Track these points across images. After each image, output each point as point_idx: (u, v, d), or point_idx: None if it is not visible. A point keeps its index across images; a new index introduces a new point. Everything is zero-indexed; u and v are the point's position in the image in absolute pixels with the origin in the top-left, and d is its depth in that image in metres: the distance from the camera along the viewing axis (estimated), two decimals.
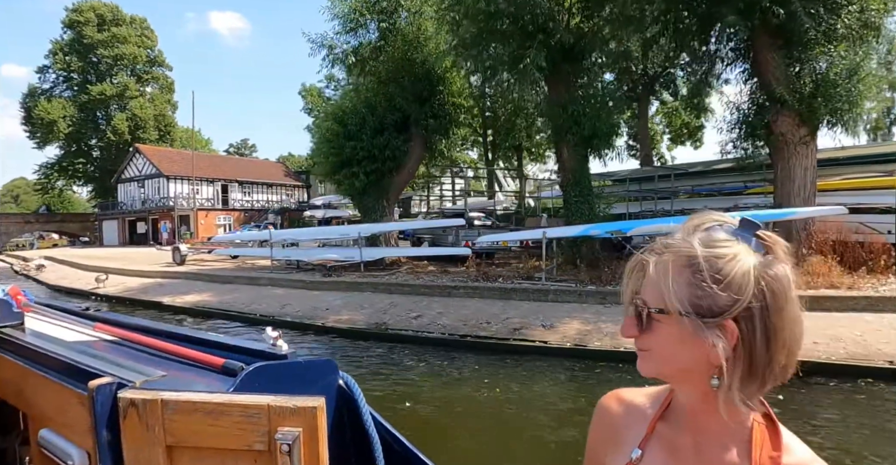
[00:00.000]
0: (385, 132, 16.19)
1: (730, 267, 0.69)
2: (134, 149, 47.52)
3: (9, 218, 53.11)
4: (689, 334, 0.71)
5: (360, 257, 14.80)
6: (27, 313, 1.53)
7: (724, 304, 0.69)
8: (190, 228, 43.75)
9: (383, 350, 9.43)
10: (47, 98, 50.68)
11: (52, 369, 1.12)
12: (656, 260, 0.74)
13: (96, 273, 22.42)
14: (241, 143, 76.56)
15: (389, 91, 16.42)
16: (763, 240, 0.72)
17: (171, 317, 13.26)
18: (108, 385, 0.91)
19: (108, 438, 0.91)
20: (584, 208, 14.39)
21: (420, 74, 16.43)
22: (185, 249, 20.73)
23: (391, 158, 16.22)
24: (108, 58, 50.58)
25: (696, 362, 0.72)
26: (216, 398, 0.85)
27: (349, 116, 16.12)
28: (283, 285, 14.93)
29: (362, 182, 16.11)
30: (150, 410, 0.86)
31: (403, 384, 7.62)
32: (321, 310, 11.88)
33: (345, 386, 1.04)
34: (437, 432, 6.13)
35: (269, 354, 1.03)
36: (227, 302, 13.54)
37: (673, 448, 0.81)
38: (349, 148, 15.87)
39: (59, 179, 55.50)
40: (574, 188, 14.44)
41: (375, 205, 16.85)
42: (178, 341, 1.22)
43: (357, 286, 13.60)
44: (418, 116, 16.53)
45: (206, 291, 15.39)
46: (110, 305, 15.84)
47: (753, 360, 0.69)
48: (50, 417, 1.13)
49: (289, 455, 0.78)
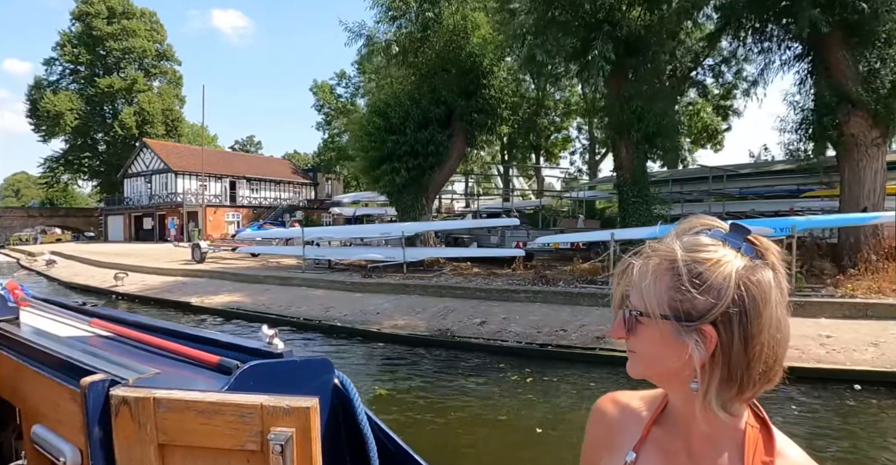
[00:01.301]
0: (429, 126, 15.35)
1: (710, 272, 0.69)
2: (141, 143, 46.62)
3: (12, 212, 52.19)
4: (669, 337, 0.71)
5: (402, 258, 13.93)
6: (24, 308, 1.54)
7: (703, 308, 0.68)
8: (198, 224, 42.82)
9: (461, 360, 8.57)
10: (54, 90, 49.75)
11: (45, 365, 1.11)
12: (641, 264, 0.74)
13: (111, 270, 21.52)
14: (246, 139, 75.72)
15: (434, 83, 15.57)
16: (754, 244, 0.71)
17: (201, 319, 12.39)
18: (100, 382, 0.90)
19: (100, 435, 0.89)
20: (642, 209, 13.63)
21: (466, 67, 15.59)
22: (205, 246, 19.83)
23: (433, 153, 15.37)
24: (118, 50, 49.70)
25: (678, 365, 0.71)
26: (209, 397, 0.83)
27: (393, 108, 15.25)
28: (319, 285, 14.06)
29: (403, 178, 15.24)
30: (143, 408, 0.85)
31: (530, 406, 6.70)
32: (371, 314, 11.03)
33: (340, 385, 1.02)
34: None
35: (264, 352, 1.02)
36: (264, 304, 12.68)
37: (667, 452, 0.81)
38: (391, 142, 15.02)
39: (64, 173, 54.47)
40: (632, 188, 13.65)
41: (414, 203, 15.98)
42: (175, 338, 1.20)
43: (403, 289, 12.74)
44: (464, 110, 15.69)
45: (237, 291, 14.52)
46: (132, 305, 14.99)
47: (731, 365, 0.69)
48: (43, 413, 1.11)
49: (281, 456, 0.76)
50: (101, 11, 49.38)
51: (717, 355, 0.69)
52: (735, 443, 0.75)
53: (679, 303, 0.70)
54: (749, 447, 0.74)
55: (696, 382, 0.71)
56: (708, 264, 0.69)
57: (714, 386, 0.70)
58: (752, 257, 0.71)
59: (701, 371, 0.70)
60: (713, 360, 0.69)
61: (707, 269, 0.69)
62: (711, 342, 0.69)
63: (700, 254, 0.70)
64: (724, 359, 0.69)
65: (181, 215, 43.15)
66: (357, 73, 48.66)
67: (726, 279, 0.68)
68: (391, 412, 6.25)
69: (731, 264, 0.69)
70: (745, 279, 0.68)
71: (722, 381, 0.70)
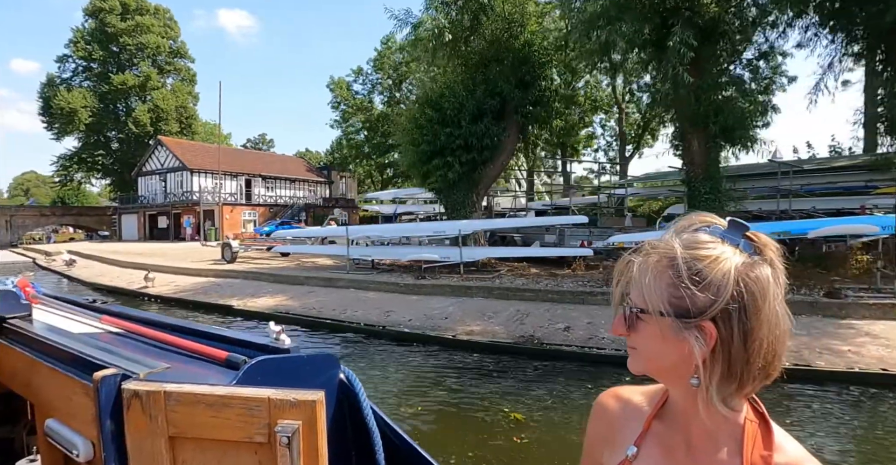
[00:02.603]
0: (483, 119, 14.46)
1: (709, 269, 0.69)
2: (156, 141, 45.85)
3: (25, 211, 51.56)
4: (669, 333, 0.71)
5: (459, 258, 13.05)
6: (35, 305, 1.57)
7: (702, 305, 0.69)
8: (214, 223, 42.10)
9: (563, 372, 7.71)
10: (67, 88, 49.06)
11: (58, 360, 1.13)
12: (641, 261, 0.75)
13: (135, 270, 20.77)
14: (258, 137, 74.97)
15: (487, 74, 14.67)
16: (752, 241, 0.72)
17: (252, 326, 11.55)
18: (112, 376, 0.91)
19: (112, 428, 0.90)
20: (714, 207, 12.73)
21: (521, 57, 14.69)
22: (235, 245, 18.99)
23: (488, 147, 14.49)
24: (131, 46, 49.00)
25: (678, 361, 0.72)
26: (218, 390, 0.84)
27: (447, 99, 14.35)
28: (369, 287, 13.21)
29: (456, 173, 14.35)
30: (154, 401, 0.86)
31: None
32: (438, 319, 10.18)
33: (346, 380, 1.02)
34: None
35: (271, 348, 1.04)
36: (313, 307, 11.83)
37: (667, 446, 0.81)
38: (444, 135, 14.13)
39: (77, 172, 53.83)
40: (704, 184, 12.77)
41: (465, 200, 15.08)
42: (183, 334, 1.21)
43: (464, 291, 11.88)
44: (520, 102, 14.81)
45: (279, 293, 13.68)
46: (166, 307, 14.18)
47: (731, 361, 0.69)
48: (56, 407, 1.13)
49: (288, 447, 0.78)
50: (115, 7, 48.67)
51: (717, 350, 0.69)
52: (734, 437, 0.75)
53: (679, 300, 0.70)
54: (748, 442, 0.74)
55: (696, 377, 0.71)
56: (707, 261, 0.69)
57: (715, 382, 0.70)
58: (751, 254, 0.70)
59: (702, 367, 0.70)
60: (713, 356, 0.69)
61: (706, 266, 0.69)
62: (711, 338, 0.69)
63: (699, 251, 0.70)
64: (724, 355, 0.69)
65: (197, 214, 42.40)
66: (373, 69, 47.95)
67: (725, 276, 0.68)
68: (549, 444, 5.35)
69: (730, 260, 0.69)
70: (743, 276, 0.68)
71: (722, 376, 0.70)
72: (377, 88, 47.86)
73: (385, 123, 46.74)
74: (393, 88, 47.10)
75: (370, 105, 48.78)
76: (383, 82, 46.97)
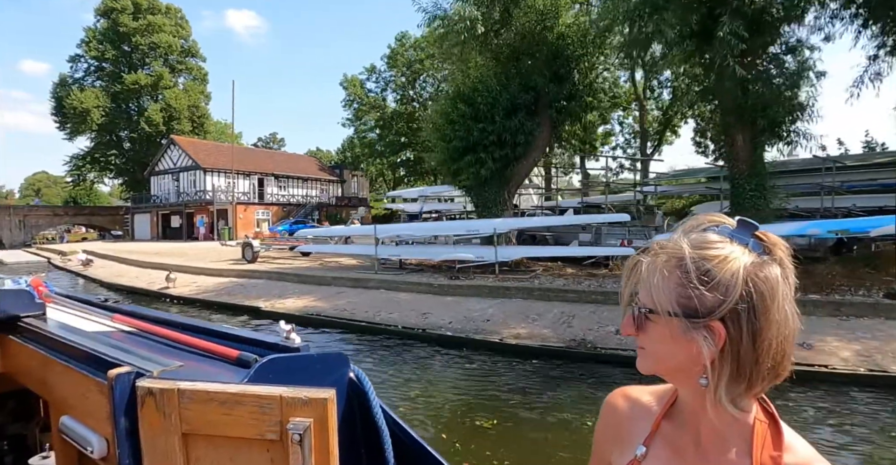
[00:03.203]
0: (517, 114, 13.99)
1: (717, 268, 0.68)
2: (169, 140, 45.67)
3: (37, 210, 51.55)
4: (678, 334, 0.71)
5: (494, 257, 12.60)
6: (49, 304, 1.58)
7: (711, 305, 0.68)
8: (228, 222, 41.86)
9: (630, 377, 7.27)
10: (79, 88, 48.96)
11: (72, 358, 1.14)
12: (649, 261, 0.74)
13: (154, 270, 20.47)
14: (269, 136, 74.77)
15: (520, 68, 14.19)
16: (762, 240, 0.71)
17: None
18: (126, 374, 0.92)
19: (126, 425, 0.91)
20: (760, 204, 12.24)
21: (555, 50, 14.22)
22: (257, 245, 18.61)
23: (522, 143, 14.00)
24: (143, 46, 48.82)
25: (687, 361, 0.72)
26: (230, 388, 0.85)
27: (480, 94, 13.87)
28: (400, 288, 12.79)
29: (489, 170, 13.88)
30: (167, 399, 0.87)
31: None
32: (479, 321, 9.75)
33: (356, 379, 1.03)
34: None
35: (282, 346, 1.04)
36: (345, 309, 11.42)
37: (676, 446, 0.81)
38: (477, 131, 13.66)
39: (90, 171, 53.76)
40: (749, 181, 12.26)
41: (497, 197, 14.62)
42: (194, 333, 1.22)
43: (502, 291, 11.45)
44: (555, 96, 14.34)
45: (306, 294, 13.29)
46: (190, 308, 13.83)
47: (740, 361, 0.68)
48: (71, 404, 1.14)
49: (300, 445, 0.78)
50: (127, 7, 48.50)
51: (725, 351, 0.69)
52: (743, 437, 0.74)
53: (687, 300, 0.69)
54: (757, 442, 0.73)
55: (705, 378, 0.71)
56: (715, 261, 0.69)
57: (724, 382, 0.70)
58: (760, 253, 0.70)
59: (710, 367, 0.70)
60: (722, 356, 0.69)
61: (715, 266, 0.69)
62: (720, 339, 0.68)
63: (708, 251, 0.70)
64: (733, 355, 0.68)
65: (210, 213, 42.18)
66: (387, 67, 47.57)
67: (734, 276, 0.68)
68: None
69: (739, 260, 0.69)
70: (752, 275, 0.68)
71: (731, 377, 0.69)
72: (390, 86, 47.40)
73: (399, 120, 46.38)
74: (407, 86, 46.65)
75: (383, 103, 48.35)
76: (397, 80, 46.52)
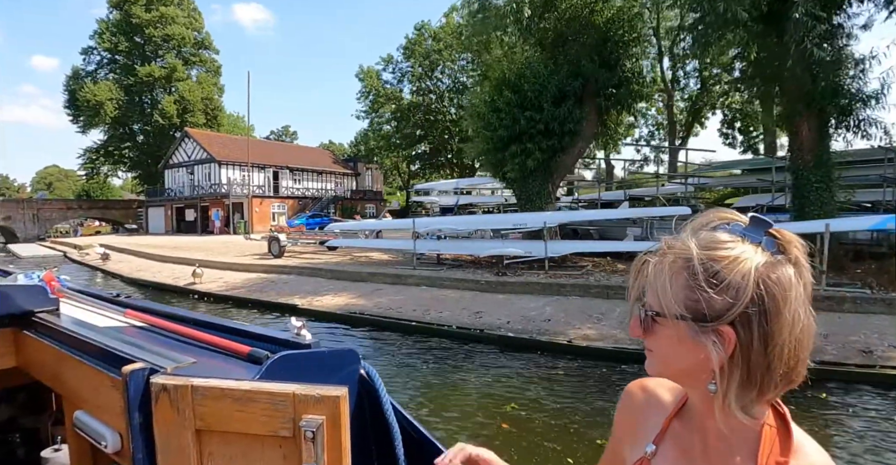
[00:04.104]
0: (566, 102, 13.28)
1: (727, 270, 0.65)
2: (183, 133, 45.16)
3: (51, 204, 51.31)
4: (686, 337, 0.68)
5: (544, 253, 11.93)
6: (62, 300, 1.57)
7: (720, 308, 0.65)
8: (243, 216, 41.37)
9: None
10: (93, 80, 48.50)
11: (87, 354, 1.15)
12: (657, 261, 0.71)
13: (175, 265, 19.95)
14: (282, 129, 74.18)
15: (567, 53, 13.44)
16: (776, 238, 0.68)
17: (330, 329, 10.56)
18: (141, 370, 0.93)
19: (140, 421, 0.92)
20: (825, 196, 11.52)
21: (604, 35, 13.48)
22: (284, 239, 18.01)
23: (569, 132, 13.26)
24: (157, 38, 48.25)
25: (695, 365, 0.69)
26: (244, 385, 0.85)
27: (528, 80, 13.16)
28: (444, 285, 12.15)
29: (535, 161, 13.16)
30: (181, 395, 0.87)
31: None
32: (538, 321, 9.10)
33: (366, 376, 1.03)
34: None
35: (293, 343, 1.04)
36: (390, 307, 10.80)
37: (685, 447, 0.79)
38: (524, 119, 12.94)
39: (104, 165, 53.40)
40: (814, 172, 11.52)
41: (541, 190, 13.90)
42: (206, 329, 1.22)
43: (556, 289, 10.79)
44: (604, 84, 13.63)
45: (343, 291, 12.68)
46: (220, 306, 13.26)
47: (751, 367, 0.66)
48: (85, 399, 1.16)
49: (312, 442, 0.78)
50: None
51: (736, 356, 0.66)
52: (750, 442, 0.72)
53: (695, 303, 0.67)
54: (764, 447, 0.70)
55: (714, 383, 0.68)
56: (725, 262, 0.66)
57: (734, 389, 0.67)
58: (774, 252, 0.67)
59: (720, 373, 0.67)
60: (732, 362, 0.66)
61: (724, 267, 0.65)
62: (730, 344, 0.65)
63: (717, 251, 0.67)
64: (743, 361, 0.65)
65: (225, 207, 41.69)
66: (403, 57, 46.75)
67: (745, 278, 0.64)
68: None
69: (751, 261, 0.65)
70: (764, 277, 0.65)
71: (742, 383, 0.66)
72: (407, 77, 46.59)
73: (416, 112, 45.59)
74: (424, 77, 45.83)
75: (400, 94, 47.59)
76: (414, 70, 45.70)
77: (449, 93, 45.80)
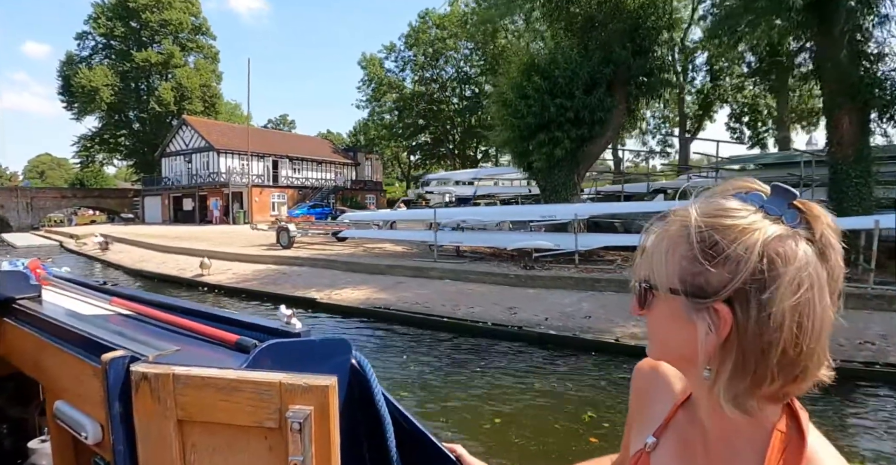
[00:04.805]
0: (597, 89, 12.83)
1: (728, 241, 0.58)
2: (181, 121, 44.33)
3: (45, 193, 50.45)
4: (680, 315, 0.62)
5: (574, 246, 11.48)
6: (45, 287, 1.55)
7: (717, 284, 0.59)
8: (242, 205, 40.73)
9: None
10: (88, 66, 47.47)
11: (67, 342, 1.13)
12: (660, 230, 0.66)
13: (179, 255, 19.39)
14: (279, 118, 73.21)
15: (599, 38, 12.93)
16: (801, 212, 0.60)
17: (357, 326, 10.10)
18: (121, 358, 0.91)
19: (120, 410, 0.90)
20: (864, 192, 11.18)
21: (636, 21, 13.01)
22: (293, 229, 17.48)
23: (599, 121, 12.79)
24: (154, 23, 47.28)
25: (689, 347, 0.62)
26: (228, 374, 0.82)
27: (560, 66, 12.66)
28: (469, 278, 11.69)
29: (564, 150, 12.67)
30: (162, 384, 0.85)
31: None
32: (578, 318, 8.66)
33: (357, 366, 1.00)
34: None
35: (282, 331, 1.02)
36: (416, 302, 10.33)
37: (686, 441, 0.74)
38: (554, 107, 12.43)
39: (99, 152, 52.47)
40: (854, 167, 11.15)
41: (567, 181, 13.43)
42: (193, 317, 1.19)
43: (590, 284, 10.35)
44: (638, 70, 13.15)
45: (361, 284, 12.20)
46: (231, 299, 12.78)
47: (745, 352, 0.58)
48: (65, 388, 1.13)
49: (300, 433, 0.76)
50: None
51: (731, 339, 0.59)
52: (757, 445, 0.64)
53: (691, 276, 0.61)
54: (772, 454, 0.63)
55: (708, 369, 0.62)
56: (728, 232, 0.59)
57: (724, 376, 0.60)
58: (794, 226, 0.59)
59: (711, 357, 0.61)
60: (726, 345, 0.60)
61: (725, 238, 0.59)
62: (725, 324, 0.59)
63: (721, 219, 0.60)
64: (738, 345, 0.59)
65: (224, 196, 41.01)
66: (406, 46, 46.03)
67: (748, 250, 0.57)
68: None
69: (760, 231, 0.58)
70: (771, 251, 0.57)
71: (735, 370, 0.59)
72: (409, 66, 45.90)
73: (419, 101, 44.94)
74: (426, 66, 45.15)
75: (402, 83, 46.90)
76: (417, 59, 45.00)
77: (451, 82, 45.17)
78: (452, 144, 46.48)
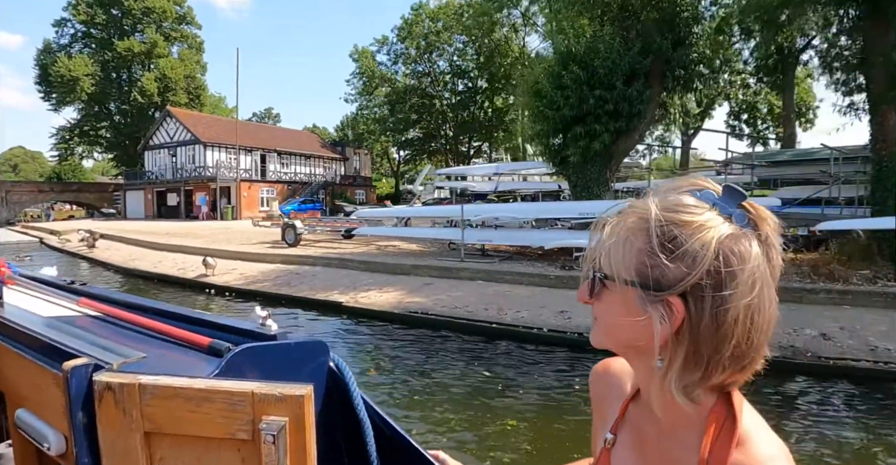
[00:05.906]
0: (637, 81, 12.24)
1: (686, 236, 0.60)
2: (165, 112, 42.85)
3: (21, 186, 48.56)
4: (633, 306, 0.64)
5: None
6: (9, 287, 1.49)
7: (673, 277, 0.60)
8: (231, 200, 39.52)
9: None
10: (67, 55, 45.61)
11: (28, 348, 1.06)
12: (616, 221, 0.67)
13: (172, 253, 18.39)
14: (264, 112, 71.64)
15: (640, 28, 12.31)
16: (749, 213, 0.62)
17: (408, 339, 9.35)
18: (83, 367, 0.86)
19: (83, 422, 0.86)
20: None
21: (674, 10, 12.44)
22: (300, 226, 16.62)
23: (637, 114, 12.19)
24: (136, 10, 45.56)
25: (640, 338, 0.65)
26: (197, 383, 0.79)
27: (600, 56, 12.04)
28: (505, 280, 10.99)
29: (601, 143, 12.00)
30: (128, 394, 0.82)
31: None
32: None
33: (336, 369, 0.97)
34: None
35: (257, 334, 0.97)
36: (455, 306, 9.59)
37: (639, 432, 0.76)
38: (593, 99, 11.78)
39: (78, 145, 50.56)
40: None
41: (599, 176, 12.78)
42: (164, 319, 1.14)
43: None
44: (678, 62, 12.57)
45: (387, 285, 11.43)
46: (244, 302, 11.95)
47: (698, 345, 0.61)
48: (26, 396, 1.07)
49: (274, 445, 0.73)
50: None
51: (682, 331, 0.61)
52: (696, 430, 0.66)
53: (648, 269, 0.62)
54: (707, 437, 0.65)
55: (661, 359, 0.64)
56: (685, 228, 0.61)
57: (676, 366, 0.62)
58: (743, 226, 0.62)
59: (663, 348, 0.63)
60: (678, 337, 0.62)
61: (683, 233, 0.61)
62: (678, 317, 0.61)
63: (679, 215, 0.62)
64: (691, 337, 0.61)
65: (211, 191, 39.73)
66: (398, 39, 45.07)
67: (704, 247, 0.59)
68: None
69: (715, 229, 0.60)
70: (726, 249, 0.60)
71: (687, 362, 0.62)
72: (401, 59, 44.93)
73: (412, 96, 44.02)
74: (418, 60, 44.25)
75: (394, 77, 45.94)
76: (409, 53, 44.09)
77: (444, 76, 44.36)
78: (445, 139, 45.69)
